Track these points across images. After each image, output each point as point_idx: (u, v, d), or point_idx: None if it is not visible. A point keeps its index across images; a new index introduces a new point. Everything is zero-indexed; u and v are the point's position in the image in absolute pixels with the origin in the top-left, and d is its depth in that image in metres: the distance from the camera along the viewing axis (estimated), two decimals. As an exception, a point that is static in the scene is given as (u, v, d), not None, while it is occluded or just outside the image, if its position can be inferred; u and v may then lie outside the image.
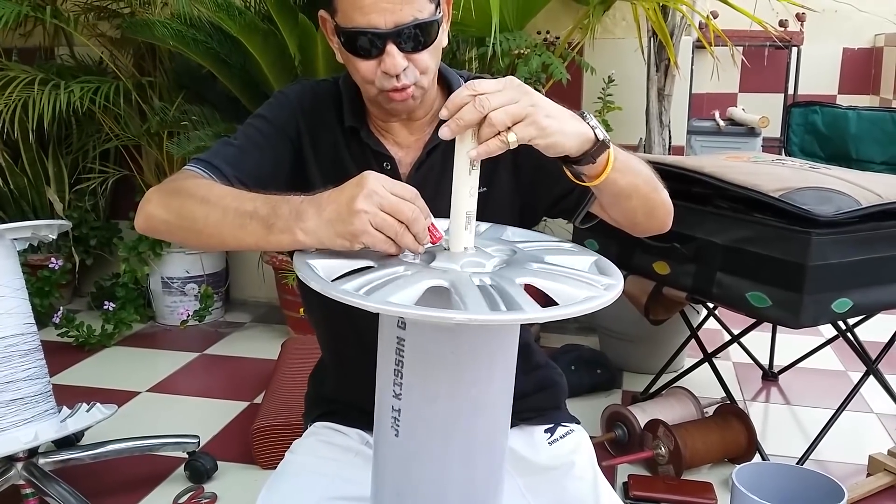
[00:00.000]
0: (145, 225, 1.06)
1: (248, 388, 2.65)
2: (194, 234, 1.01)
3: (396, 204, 0.85)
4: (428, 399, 0.88)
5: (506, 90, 0.87)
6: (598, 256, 0.96)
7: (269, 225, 0.91)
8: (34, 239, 1.93)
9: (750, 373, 2.77)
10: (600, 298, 0.81)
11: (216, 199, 0.98)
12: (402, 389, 0.88)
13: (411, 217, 0.86)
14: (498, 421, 0.93)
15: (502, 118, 0.85)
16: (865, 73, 4.58)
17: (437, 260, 0.87)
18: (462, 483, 0.92)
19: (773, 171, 1.93)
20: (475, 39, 2.77)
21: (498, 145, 0.86)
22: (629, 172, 1.04)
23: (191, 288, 3.27)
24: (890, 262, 1.81)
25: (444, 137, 0.87)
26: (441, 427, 0.89)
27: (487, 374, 0.89)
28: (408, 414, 0.89)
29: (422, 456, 0.91)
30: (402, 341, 0.87)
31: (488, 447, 0.93)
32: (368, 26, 1.04)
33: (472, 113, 0.85)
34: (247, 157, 1.14)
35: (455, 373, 0.87)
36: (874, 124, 2.57)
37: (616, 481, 2.04)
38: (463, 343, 0.86)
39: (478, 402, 0.89)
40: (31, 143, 3.20)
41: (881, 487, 1.99)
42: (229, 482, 2.05)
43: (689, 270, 1.96)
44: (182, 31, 2.72)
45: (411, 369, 0.87)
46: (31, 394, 1.82)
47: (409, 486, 0.92)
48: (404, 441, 0.90)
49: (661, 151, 2.75)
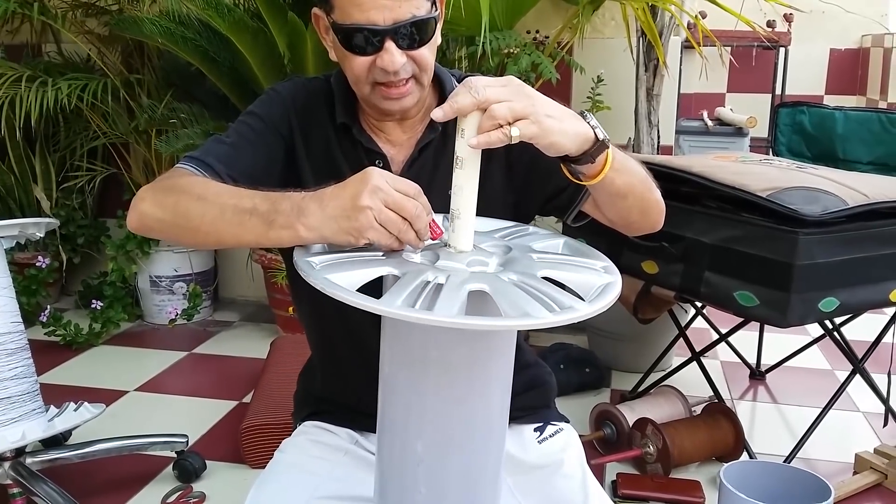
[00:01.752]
0: (138, 223, 1.06)
1: (237, 387, 2.64)
2: (190, 232, 1.00)
3: (400, 200, 0.86)
4: (433, 401, 0.88)
5: (508, 87, 0.87)
6: (566, 238, 0.97)
7: (269, 221, 0.91)
8: (21, 237, 1.92)
9: (737, 372, 2.78)
10: (615, 283, 0.82)
11: (213, 196, 0.98)
12: (406, 392, 0.88)
13: (415, 214, 0.86)
14: (499, 423, 0.93)
15: (504, 112, 0.85)
16: (852, 73, 4.60)
17: (441, 259, 0.87)
18: (465, 486, 0.92)
19: (761, 170, 1.94)
20: (465, 38, 2.78)
21: (500, 137, 0.86)
22: (626, 172, 1.04)
23: (179, 287, 3.26)
24: (876, 261, 1.82)
25: (436, 119, 0.87)
26: (444, 429, 0.89)
27: (491, 377, 0.89)
28: (413, 417, 0.89)
29: (426, 458, 0.90)
30: (408, 347, 0.87)
31: (489, 451, 0.93)
32: (367, 23, 1.04)
33: (467, 98, 0.85)
34: (239, 155, 1.14)
35: (460, 376, 0.87)
36: (861, 125, 2.59)
37: (605, 480, 2.05)
38: (472, 345, 0.86)
39: (483, 403, 0.89)
40: (18, 140, 3.17)
41: (867, 485, 2.01)
42: (218, 481, 2.04)
43: (677, 269, 1.96)
44: (171, 28, 2.70)
45: (413, 371, 0.87)
46: (19, 393, 1.81)
47: (413, 487, 0.92)
48: (409, 444, 0.90)
49: (650, 151, 2.76)
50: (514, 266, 0.86)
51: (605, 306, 0.79)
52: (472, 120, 0.86)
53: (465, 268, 0.85)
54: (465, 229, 0.89)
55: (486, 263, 0.87)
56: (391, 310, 0.73)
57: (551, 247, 0.96)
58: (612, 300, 0.80)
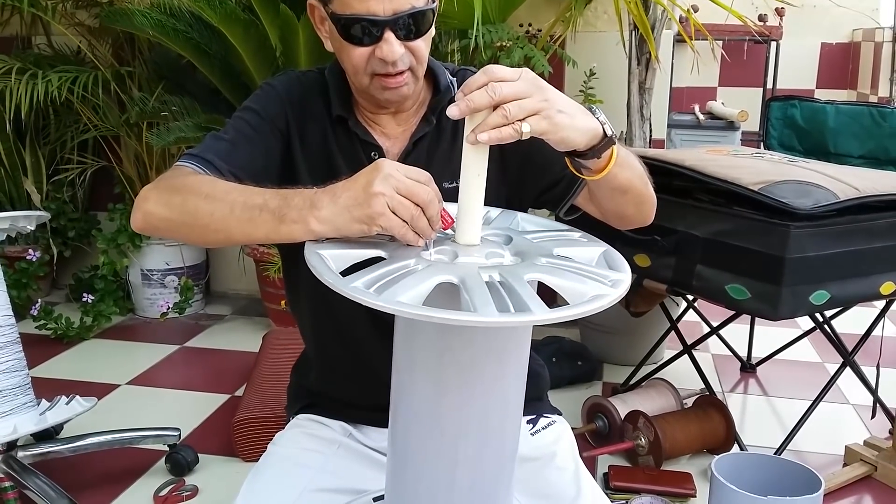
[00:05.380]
0: (143, 223, 1.05)
1: (229, 380, 2.64)
2: (199, 230, 1.00)
3: (412, 187, 0.85)
4: (443, 397, 0.88)
5: (521, 81, 0.86)
6: (608, 247, 0.95)
7: (280, 216, 0.91)
8: (12, 230, 1.91)
9: (728, 364, 2.79)
10: (607, 297, 0.80)
11: (221, 194, 0.98)
12: (418, 388, 0.88)
13: (427, 199, 0.85)
14: (513, 419, 0.93)
15: (515, 112, 0.85)
16: (843, 67, 4.62)
17: (448, 251, 0.87)
18: (476, 483, 0.92)
19: (753, 164, 1.95)
20: (458, 31, 2.77)
21: (510, 133, 0.85)
22: (628, 168, 1.05)
23: (171, 280, 3.25)
24: (867, 254, 1.83)
25: (451, 116, 0.86)
26: (456, 426, 0.88)
27: (502, 373, 0.88)
28: (425, 413, 0.89)
29: (439, 455, 0.90)
30: (416, 340, 0.86)
31: (503, 446, 0.93)
32: (367, 13, 1.04)
33: (483, 97, 0.84)
34: (239, 151, 1.13)
35: (473, 372, 0.86)
36: (852, 119, 2.60)
37: (597, 472, 2.06)
38: (479, 342, 0.85)
39: (495, 400, 0.89)
40: (7, 133, 3.15)
41: (857, 477, 2.02)
42: (210, 475, 2.04)
43: (669, 263, 1.97)
44: (162, 20, 2.69)
45: (431, 367, 0.87)
46: (10, 386, 1.81)
47: (423, 484, 0.92)
48: (422, 441, 0.90)
49: (642, 145, 2.77)
50: (512, 267, 0.85)
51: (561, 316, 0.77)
52: (482, 115, 0.85)
53: (483, 261, 0.85)
54: (472, 223, 0.89)
55: (501, 255, 0.87)
56: (417, 311, 0.72)
57: (584, 254, 0.93)
58: (576, 313, 0.78)
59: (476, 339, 0.85)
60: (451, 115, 0.86)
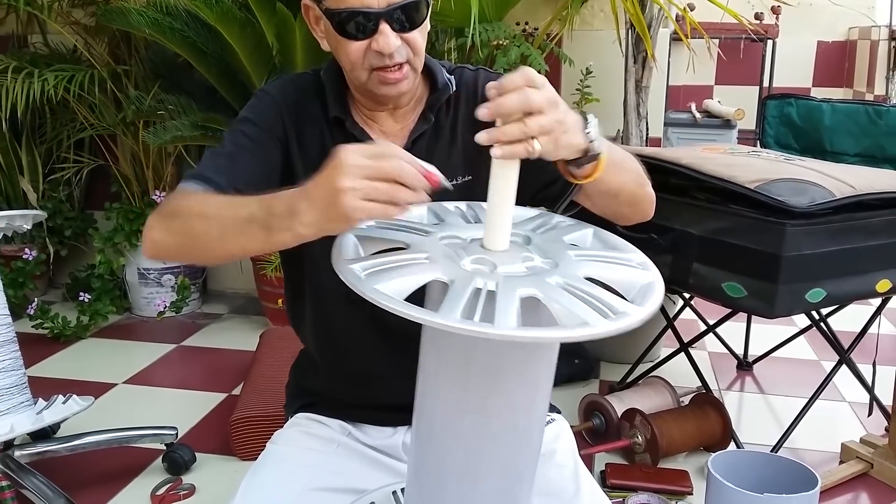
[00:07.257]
0: (153, 251, 1.05)
1: (226, 379, 2.64)
2: (201, 251, 1.00)
3: (377, 167, 0.83)
4: (466, 406, 0.88)
5: (544, 92, 0.85)
6: (594, 228, 0.96)
7: (268, 227, 0.90)
8: (8, 229, 1.91)
9: (725, 362, 2.80)
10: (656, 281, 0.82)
11: (213, 211, 0.97)
12: (449, 395, 0.88)
13: (397, 172, 0.83)
14: (538, 423, 0.93)
15: (532, 128, 0.84)
16: (839, 66, 4.62)
17: (488, 262, 0.85)
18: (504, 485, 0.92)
19: (749, 162, 1.95)
20: (454, 30, 2.78)
21: (522, 152, 0.85)
22: (619, 172, 1.05)
23: (167, 279, 3.25)
24: (863, 252, 1.84)
25: (480, 117, 0.84)
26: (478, 433, 0.88)
27: (537, 379, 0.89)
28: (449, 420, 0.89)
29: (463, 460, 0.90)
30: (444, 347, 0.86)
31: (529, 449, 0.93)
32: (361, 6, 1.04)
33: (515, 101, 0.83)
34: (238, 164, 1.13)
35: (507, 381, 0.86)
36: (848, 117, 2.60)
37: (594, 470, 2.06)
38: (506, 352, 0.85)
39: (522, 407, 0.89)
40: (4, 132, 3.15)
41: (853, 474, 2.03)
42: (208, 474, 2.04)
43: (665, 261, 1.97)
44: (158, 19, 2.69)
45: (457, 376, 0.86)
46: (7, 386, 1.81)
47: (451, 484, 0.92)
48: (445, 445, 0.90)
49: (639, 143, 2.77)
50: (557, 266, 0.84)
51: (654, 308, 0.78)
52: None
53: (518, 268, 0.83)
54: (502, 228, 0.87)
55: (531, 259, 0.86)
56: (450, 323, 0.70)
57: (579, 239, 0.94)
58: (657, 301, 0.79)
59: (503, 350, 0.84)
60: (479, 115, 0.84)
